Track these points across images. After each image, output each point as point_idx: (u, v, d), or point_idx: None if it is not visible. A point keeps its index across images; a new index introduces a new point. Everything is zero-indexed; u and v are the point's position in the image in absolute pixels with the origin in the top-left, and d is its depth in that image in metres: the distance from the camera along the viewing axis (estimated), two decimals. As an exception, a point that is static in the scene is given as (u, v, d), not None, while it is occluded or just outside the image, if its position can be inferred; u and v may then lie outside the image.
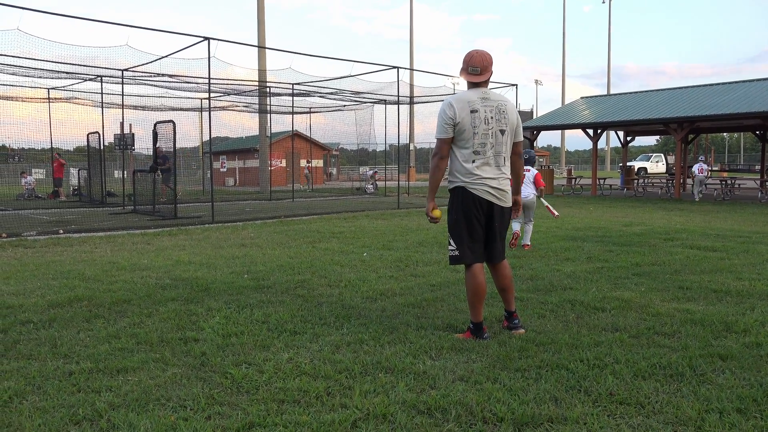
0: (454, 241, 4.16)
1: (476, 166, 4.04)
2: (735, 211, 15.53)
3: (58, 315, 4.80)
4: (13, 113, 28.31)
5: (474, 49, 4.16)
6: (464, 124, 4.01)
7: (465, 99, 4.04)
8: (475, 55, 4.08)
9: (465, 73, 4.11)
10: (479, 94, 4.08)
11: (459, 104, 4.01)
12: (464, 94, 4.10)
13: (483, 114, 4.03)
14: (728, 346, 3.95)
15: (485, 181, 4.07)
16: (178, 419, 2.89)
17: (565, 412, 2.96)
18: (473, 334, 4.15)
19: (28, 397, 3.18)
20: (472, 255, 4.14)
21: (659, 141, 76.02)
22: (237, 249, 8.62)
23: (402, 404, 3.05)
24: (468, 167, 4.05)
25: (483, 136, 4.03)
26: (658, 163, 44.65)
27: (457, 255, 4.15)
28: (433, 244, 8.96)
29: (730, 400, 3.08)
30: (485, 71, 4.09)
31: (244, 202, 20.75)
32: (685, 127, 21.26)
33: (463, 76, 4.14)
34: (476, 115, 4.01)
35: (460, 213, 4.12)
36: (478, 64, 4.06)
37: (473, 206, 4.08)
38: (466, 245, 4.12)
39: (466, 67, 4.11)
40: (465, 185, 4.08)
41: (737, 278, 6.23)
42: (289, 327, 4.45)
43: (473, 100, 4.04)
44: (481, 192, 4.07)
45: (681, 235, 9.97)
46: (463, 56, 4.16)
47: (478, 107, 4.02)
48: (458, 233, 4.13)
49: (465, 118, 4.00)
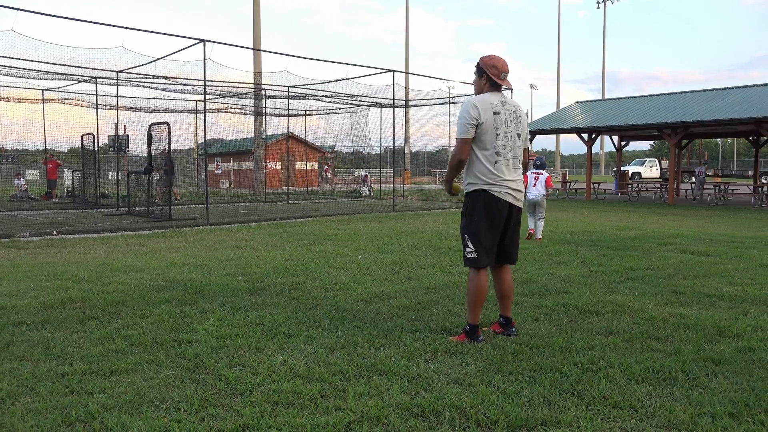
0: (472, 243, 4.16)
1: (497, 167, 4.10)
2: (728, 216, 15.61)
3: (52, 316, 4.78)
4: (7, 114, 28.16)
5: (494, 55, 4.22)
6: (488, 125, 4.06)
7: (488, 101, 4.10)
8: (504, 62, 4.19)
9: (497, 78, 4.15)
10: (499, 97, 4.16)
11: (483, 105, 4.07)
12: (486, 96, 4.14)
13: (504, 117, 4.11)
14: (721, 350, 3.97)
15: (506, 183, 4.13)
16: (172, 421, 2.89)
17: (558, 415, 2.97)
18: (468, 336, 4.15)
19: (21, 399, 3.16)
20: (489, 258, 4.18)
21: (653, 146, 76.39)
22: (231, 251, 8.61)
23: (396, 407, 3.06)
24: (490, 168, 4.09)
25: (504, 138, 4.11)
26: (652, 168, 44.83)
27: (475, 257, 4.16)
28: (428, 247, 8.97)
29: (723, 404, 3.10)
30: (507, 77, 4.23)
31: (238, 204, 20.72)
32: (679, 133, 21.37)
33: (498, 81, 4.15)
34: (498, 117, 4.08)
35: (481, 215, 4.13)
36: (508, 70, 4.19)
37: (496, 209, 4.12)
38: (484, 248, 4.14)
39: (498, 73, 4.15)
40: (488, 188, 4.11)
41: (730, 283, 6.26)
42: (283, 329, 4.45)
43: (495, 102, 4.10)
44: (503, 194, 4.13)
45: (675, 239, 10.01)
46: (489, 59, 4.18)
47: (500, 110, 4.10)
48: (478, 236, 4.14)
49: (488, 119, 4.06)
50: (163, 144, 14.13)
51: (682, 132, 21.46)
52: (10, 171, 26.46)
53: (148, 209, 14.57)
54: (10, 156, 26.07)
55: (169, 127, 13.75)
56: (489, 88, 4.18)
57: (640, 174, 42.58)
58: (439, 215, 15.64)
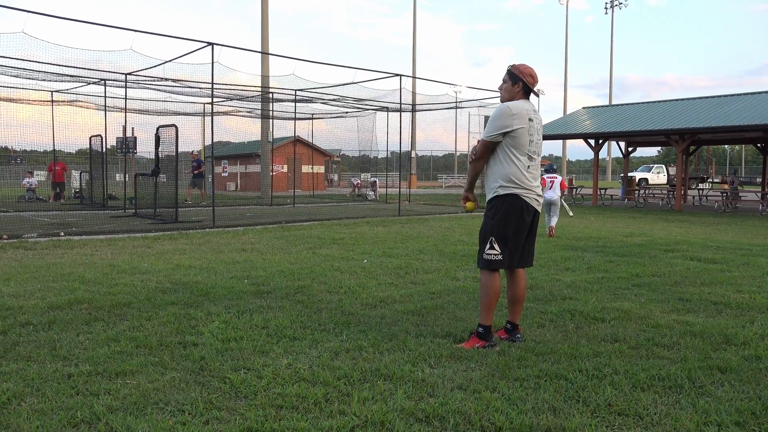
0: (499, 246, 4.18)
1: (529, 173, 4.19)
2: (736, 224, 15.53)
3: (58, 317, 4.81)
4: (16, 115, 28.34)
5: (526, 64, 4.31)
6: (524, 132, 4.13)
7: (524, 107, 4.18)
8: (533, 71, 4.28)
9: (533, 86, 4.27)
10: (531, 106, 4.25)
11: (520, 112, 4.14)
12: (521, 103, 4.22)
13: (536, 125, 4.22)
14: (728, 358, 3.95)
15: (534, 189, 4.23)
16: (177, 423, 2.89)
17: (563, 422, 2.96)
18: (482, 338, 4.14)
19: (27, 399, 3.18)
20: (513, 261, 4.24)
21: (661, 152, 76.12)
22: (237, 254, 8.63)
23: (400, 412, 3.05)
24: (524, 173, 4.16)
25: (535, 145, 4.21)
26: (660, 174, 44.67)
27: (500, 259, 4.17)
28: (434, 252, 8.97)
29: (729, 413, 3.08)
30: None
31: (245, 207, 20.77)
32: (687, 139, 21.29)
33: (534, 90, 4.28)
34: (532, 125, 4.18)
35: (511, 219, 4.17)
36: (538, 80, 4.30)
37: (524, 214, 4.18)
38: (510, 251, 4.18)
39: (533, 82, 4.26)
40: (520, 193, 4.16)
41: (737, 291, 6.23)
42: (288, 333, 4.45)
43: (529, 110, 4.20)
44: (532, 200, 4.21)
45: (681, 246, 9.97)
46: (523, 68, 4.26)
47: (533, 117, 4.20)
48: (506, 239, 4.17)
49: (524, 126, 4.14)
50: (170, 146, 14.19)
51: (689, 138, 21.38)
52: (18, 172, 26.61)
53: (155, 211, 14.62)
54: (19, 157, 26.21)
55: (176, 130, 13.80)
56: (522, 95, 4.27)
57: (647, 180, 42.45)
58: (445, 220, 15.62)
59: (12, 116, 24.72)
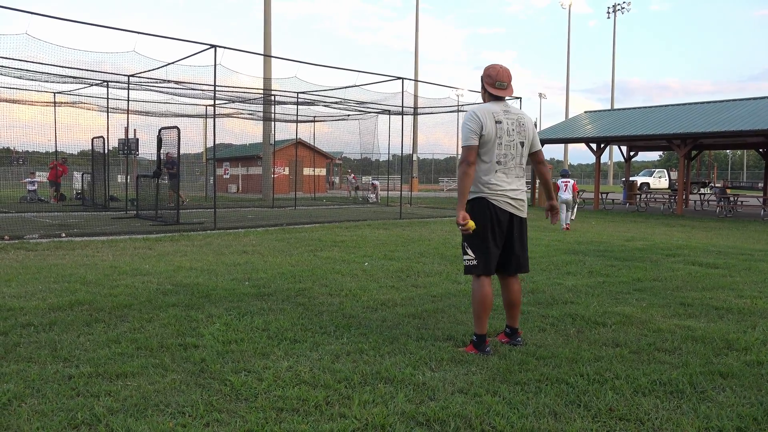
0: (471, 251, 4.15)
1: (498, 176, 4.11)
2: (737, 228, 15.51)
3: (59, 318, 4.81)
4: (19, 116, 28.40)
5: (497, 64, 4.23)
6: (489, 135, 4.07)
7: (490, 110, 4.11)
8: (501, 70, 4.18)
9: (492, 87, 4.18)
10: (502, 106, 4.17)
11: (485, 114, 4.08)
12: (488, 105, 4.16)
13: (506, 126, 4.12)
14: (729, 363, 3.94)
15: (506, 192, 4.13)
16: (177, 425, 2.89)
17: (564, 426, 2.95)
18: (476, 347, 4.12)
19: (27, 400, 3.18)
20: (489, 266, 4.16)
21: (662, 156, 76.14)
22: (238, 256, 8.63)
23: (401, 415, 3.05)
24: (490, 178, 4.10)
25: (506, 147, 4.12)
26: (661, 179, 44.67)
27: (474, 265, 4.14)
28: (435, 255, 8.96)
29: (731, 418, 3.07)
30: (509, 86, 4.21)
31: (246, 209, 20.78)
32: (688, 143, 21.28)
33: (491, 90, 4.18)
34: (500, 126, 4.09)
35: (480, 224, 4.12)
36: (505, 79, 4.18)
37: (494, 217, 4.11)
38: (484, 256, 4.13)
39: (492, 82, 4.17)
40: (486, 196, 4.11)
41: (739, 296, 6.22)
42: (289, 335, 4.45)
43: (497, 111, 4.12)
44: (502, 203, 4.12)
45: (683, 251, 9.96)
46: (485, 70, 4.22)
47: (502, 119, 4.11)
48: (478, 244, 4.13)
49: (490, 129, 4.07)
50: (172, 148, 14.20)
51: (691, 143, 21.38)
52: (20, 173, 26.65)
53: (156, 213, 14.63)
54: (21, 158, 26.24)
55: (178, 132, 13.82)
56: (489, 98, 4.21)
57: (649, 184, 42.43)
58: (446, 223, 15.62)
59: (15, 117, 24.78)
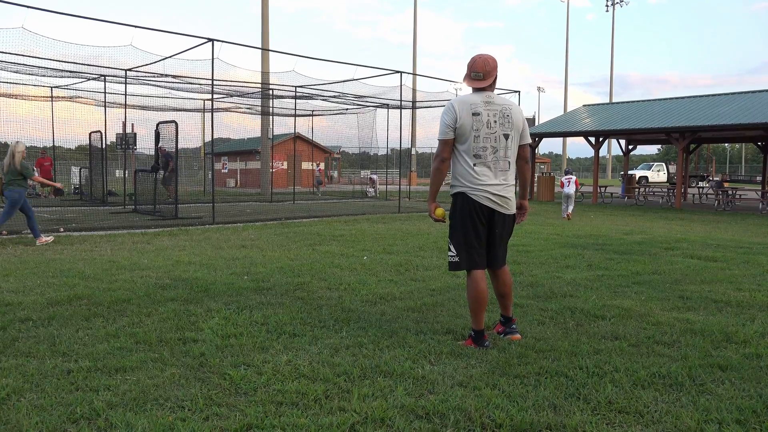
0: (454, 247, 4.12)
1: (477, 170, 4.00)
2: (736, 222, 15.53)
3: (58, 313, 4.80)
4: (16, 111, 28.34)
5: (477, 54, 4.12)
6: (464, 127, 3.97)
7: (467, 101, 4.01)
8: (478, 60, 4.06)
9: (468, 78, 4.09)
10: (483, 97, 4.04)
11: (461, 106, 3.99)
12: (467, 96, 4.07)
13: (485, 117, 3.99)
14: (728, 356, 3.94)
15: (486, 188, 4.02)
16: (176, 419, 2.89)
17: (563, 419, 2.95)
18: (474, 342, 4.11)
19: (26, 395, 3.17)
20: (472, 261, 4.09)
21: (661, 150, 76.07)
22: (237, 250, 8.62)
23: (400, 408, 3.05)
24: (469, 171, 4.01)
25: (484, 140, 3.99)
26: (660, 172, 44.69)
27: (456, 261, 4.12)
28: (434, 249, 8.96)
29: (730, 410, 3.07)
30: (488, 76, 4.04)
31: (244, 203, 20.75)
32: (687, 137, 21.27)
33: (466, 82, 4.11)
34: (478, 118, 3.97)
35: (460, 219, 4.08)
36: (480, 69, 4.03)
37: (474, 212, 4.03)
38: (466, 252, 4.07)
39: (468, 73, 4.08)
40: (466, 191, 4.04)
41: (737, 289, 6.22)
42: (288, 329, 4.44)
43: (476, 102, 4.00)
44: (482, 198, 4.02)
45: (681, 244, 9.96)
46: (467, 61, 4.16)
47: (481, 110, 3.98)
48: (458, 239, 4.09)
49: (466, 121, 3.96)
50: (170, 142, 14.17)
51: (690, 136, 21.37)
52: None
53: (154, 207, 14.61)
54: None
55: (176, 126, 13.79)
56: (473, 89, 4.11)
57: (648, 178, 42.46)
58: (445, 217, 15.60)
59: (11, 112, 24.71)
